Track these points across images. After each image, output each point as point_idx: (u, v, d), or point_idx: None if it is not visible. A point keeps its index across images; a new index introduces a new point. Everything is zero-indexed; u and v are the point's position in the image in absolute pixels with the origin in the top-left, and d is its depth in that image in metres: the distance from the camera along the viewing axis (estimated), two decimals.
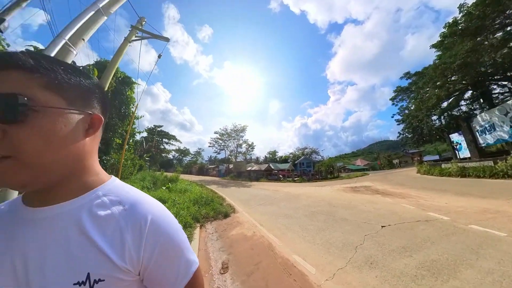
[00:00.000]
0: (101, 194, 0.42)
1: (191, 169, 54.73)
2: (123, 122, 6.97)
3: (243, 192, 11.90)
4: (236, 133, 43.12)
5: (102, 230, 0.39)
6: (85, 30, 2.91)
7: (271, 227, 4.19)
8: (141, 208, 0.42)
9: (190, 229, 4.01)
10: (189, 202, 6.29)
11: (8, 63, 0.33)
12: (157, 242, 0.40)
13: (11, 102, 0.31)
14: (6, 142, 0.32)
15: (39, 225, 0.38)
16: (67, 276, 0.36)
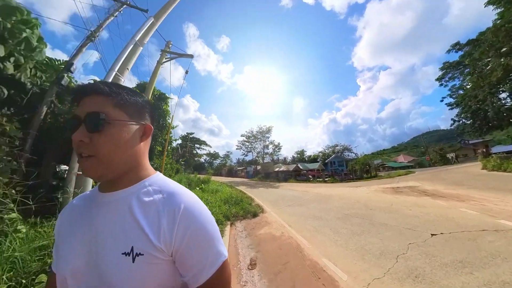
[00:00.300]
0: (147, 184, 0.52)
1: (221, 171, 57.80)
2: (161, 132, 7.97)
3: (271, 193, 11.93)
4: (261, 134, 43.47)
5: (145, 213, 0.47)
6: (128, 61, 3.55)
7: (300, 229, 4.11)
8: (177, 197, 0.49)
9: (221, 226, 4.27)
10: (220, 201, 6.69)
11: (92, 90, 0.47)
12: (188, 227, 0.45)
13: (96, 118, 0.44)
14: (91, 146, 0.44)
15: (106, 206, 0.50)
16: (118, 246, 0.45)
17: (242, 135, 43.97)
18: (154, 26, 4.31)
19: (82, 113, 0.45)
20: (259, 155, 45.30)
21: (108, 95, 0.47)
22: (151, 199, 0.49)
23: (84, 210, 0.52)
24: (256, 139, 43.82)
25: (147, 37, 4.09)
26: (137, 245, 0.44)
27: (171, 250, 0.45)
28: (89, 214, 0.51)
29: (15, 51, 2.82)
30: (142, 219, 0.46)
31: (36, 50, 3.12)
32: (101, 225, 0.48)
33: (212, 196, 7.54)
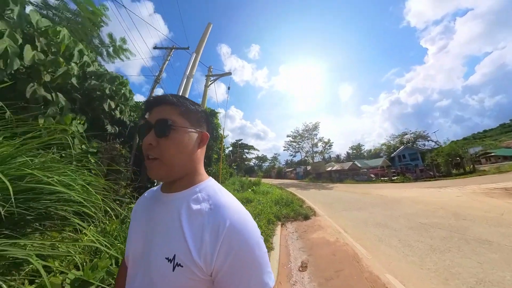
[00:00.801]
0: (197, 190, 0.52)
1: (270, 173, 58.78)
2: (216, 142, 9.19)
3: (324, 194, 11.18)
4: (308, 132, 40.78)
5: (191, 222, 0.46)
6: (185, 91, 4.50)
7: (359, 236, 3.72)
8: (223, 211, 0.45)
9: (272, 226, 4.44)
10: (271, 202, 6.94)
11: (162, 100, 0.52)
12: (231, 249, 0.40)
13: (164, 124, 0.48)
14: (157, 149, 0.48)
15: (162, 205, 0.53)
16: (163, 249, 0.45)
17: (288, 136, 42.77)
18: (197, 59, 5.26)
19: (153, 120, 0.50)
20: (308, 154, 42.69)
21: (174, 104, 0.51)
22: (198, 207, 0.47)
23: (149, 204, 0.58)
24: (303, 138, 41.56)
25: (194, 70, 5.05)
26: (178, 255, 0.42)
27: (210, 269, 0.41)
28: (150, 209, 0.56)
29: (119, 102, 4.20)
30: (187, 228, 0.45)
31: (129, 99, 4.58)
32: (156, 222, 0.51)
33: (263, 197, 7.91)
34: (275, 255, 2.97)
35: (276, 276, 2.37)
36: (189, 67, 4.83)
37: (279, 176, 52.90)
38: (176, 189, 0.52)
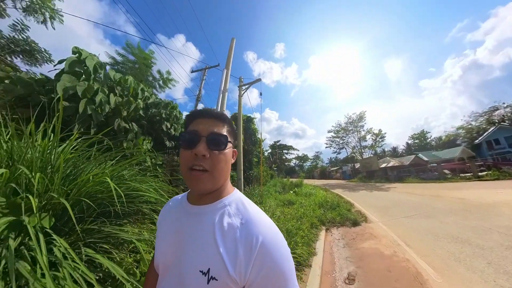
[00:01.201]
0: (226, 203, 0.54)
1: (313, 174, 55.75)
2: (255, 146, 9.60)
3: (378, 197, 9.75)
4: (353, 125, 35.88)
5: (224, 237, 0.47)
6: (223, 105, 5.02)
7: (425, 252, 3.10)
8: (255, 227, 0.47)
9: (316, 230, 4.27)
10: (314, 205, 6.66)
11: (213, 114, 0.56)
12: (264, 264, 0.43)
13: (220, 138, 0.52)
14: (209, 161, 0.49)
15: (193, 218, 0.54)
16: (197, 262, 0.46)
17: (329, 131, 38.84)
18: (228, 74, 5.80)
19: (204, 131, 0.51)
20: (355, 150, 37.67)
21: (225, 122, 0.56)
22: (230, 222, 0.49)
23: (176, 214, 0.60)
24: (347, 132, 36.85)
25: (227, 84, 5.58)
26: (213, 268, 0.44)
27: (243, 283, 0.44)
28: (179, 220, 0.57)
29: (173, 122, 5.21)
30: (221, 243, 0.46)
31: (179, 119, 5.62)
32: (187, 233, 0.53)
33: (306, 200, 7.67)
34: (318, 261, 2.86)
35: (319, 285, 2.29)
36: (222, 83, 5.35)
37: (322, 176, 49.55)
38: (205, 201, 0.54)
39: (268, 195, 7.81)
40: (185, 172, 0.50)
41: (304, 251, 2.95)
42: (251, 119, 10.09)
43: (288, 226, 3.51)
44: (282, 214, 4.85)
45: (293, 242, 3.03)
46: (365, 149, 36.58)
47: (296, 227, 3.78)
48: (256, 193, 6.81)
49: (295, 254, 2.74)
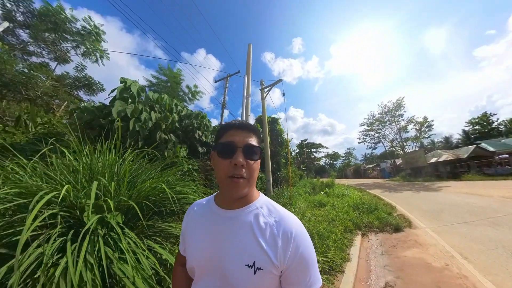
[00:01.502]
0: (258, 206, 0.61)
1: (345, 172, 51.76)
2: (281, 147, 9.63)
3: (427, 198, 8.47)
4: (389, 114, 30.97)
5: (263, 234, 0.55)
6: (248, 110, 5.22)
7: (492, 269, 2.58)
8: (287, 223, 0.57)
9: (350, 234, 4.05)
10: (348, 207, 6.27)
11: (247, 127, 0.62)
12: (298, 250, 0.54)
13: (256, 149, 0.58)
14: (246, 170, 0.56)
15: (229, 221, 0.59)
16: (241, 258, 0.53)
17: (361, 124, 34.29)
18: (249, 79, 6.02)
19: (240, 143, 0.57)
20: (394, 144, 32.48)
21: (255, 133, 0.63)
22: (266, 221, 0.57)
23: (208, 218, 0.64)
24: (383, 124, 31.98)
25: (249, 89, 5.85)
26: (258, 261, 0.52)
27: (282, 268, 0.53)
28: (214, 223, 0.61)
29: (203, 130, 5.80)
30: (261, 239, 0.54)
31: (209, 126, 6.19)
32: (227, 235, 0.58)
33: (339, 201, 7.27)
34: (352, 268, 2.73)
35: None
36: (245, 89, 5.60)
37: (357, 175, 45.48)
38: (238, 205, 0.60)
39: (297, 196, 7.69)
40: (224, 179, 0.56)
41: (336, 255, 2.86)
42: (275, 120, 10.11)
43: (320, 229, 3.43)
44: (312, 216, 4.75)
45: (324, 245, 2.96)
46: (407, 141, 31.26)
47: (328, 230, 3.67)
48: (285, 194, 6.81)
49: (326, 258, 2.69)
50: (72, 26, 12.94)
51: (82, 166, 1.71)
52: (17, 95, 8.06)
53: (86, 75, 13.67)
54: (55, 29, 12.44)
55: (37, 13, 11.80)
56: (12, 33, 12.03)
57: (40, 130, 4.46)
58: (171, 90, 14.41)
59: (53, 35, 12.73)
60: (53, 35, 12.73)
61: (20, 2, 11.43)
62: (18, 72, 8.02)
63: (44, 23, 11.90)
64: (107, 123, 3.89)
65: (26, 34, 12.29)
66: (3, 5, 11.26)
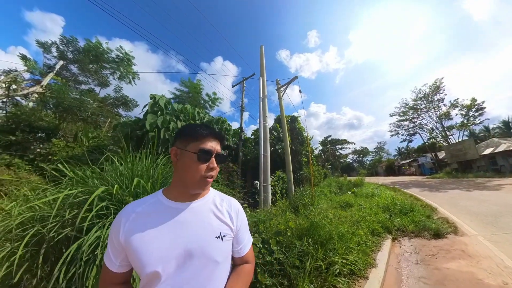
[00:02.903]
0: (212, 196, 0.82)
1: (376, 170, 47.49)
2: (302, 146, 9.41)
3: (480, 199, 7.22)
4: (426, 100, 26.82)
5: (221, 212, 0.78)
6: (265, 111, 5.23)
7: None
8: (234, 203, 0.85)
9: (378, 238, 3.74)
10: (377, 208, 5.83)
11: (219, 136, 0.79)
12: (242, 219, 0.84)
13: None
14: (215, 172, 0.75)
15: (191, 210, 0.73)
16: (210, 233, 0.71)
17: (392, 114, 30.58)
18: (264, 81, 6.05)
19: (214, 150, 0.73)
20: (434, 134, 28.03)
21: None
22: (221, 204, 0.81)
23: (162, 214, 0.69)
24: (418, 111, 27.89)
25: (265, 91, 5.83)
26: (223, 231, 0.74)
27: (236, 230, 0.80)
28: (172, 216, 0.70)
29: (224, 134, 6.25)
30: (221, 215, 0.77)
31: (229, 131, 6.67)
32: (190, 223, 0.70)
33: (367, 202, 6.77)
34: (378, 275, 2.51)
35: None
36: (261, 91, 5.61)
37: (390, 172, 41.37)
38: (197, 197, 0.77)
39: (321, 196, 7.40)
40: (199, 178, 0.70)
41: (359, 258, 2.69)
42: (295, 118, 9.89)
43: (341, 230, 3.27)
44: (335, 217, 4.53)
45: (345, 247, 2.82)
46: (451, 130, 26.66)
47: (351, 232, 3.48)
48: (307, 194, 6.63)
49: (346, 261, 2.56)
50: (109, 56, 16.20)
51: (126, 171, 2.14)
52: (73, 117, 10.13)
53: (123, 95, 16.96)
54: (96, 60, 15.64)
55: (82, 50, 15.07)
56: (66, 68, 15.65)
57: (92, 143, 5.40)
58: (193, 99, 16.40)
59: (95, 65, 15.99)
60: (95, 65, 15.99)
61: (69, 43, 14.76)
62: (73, 99, 10.03)
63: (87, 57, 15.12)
64: (142, 134, 4.41)
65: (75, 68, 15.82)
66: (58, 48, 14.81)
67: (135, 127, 4.68)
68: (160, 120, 4.47)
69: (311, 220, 3.22)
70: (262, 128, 5.03)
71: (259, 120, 5.16)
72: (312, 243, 2.65)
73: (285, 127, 7.11)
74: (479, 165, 18.80)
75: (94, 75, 16.56)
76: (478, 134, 29.72)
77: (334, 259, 2.50)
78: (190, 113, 5.49)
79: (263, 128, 5.06)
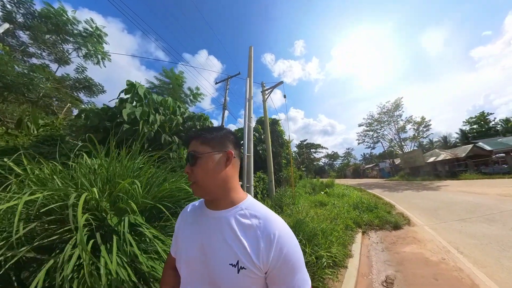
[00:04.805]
0: (243, 207, 0.62)
1: (344, 172, 51.85)
2: (282, 148, 9.77)
3: (426, 197, 8.65)
4: (388, 115, 31.60)
5: (245, 234, 0.56)
6: (250, 112, 5.32)
7: (485, 262, 2.74)
8: (271, 225, 0.57)
9: (351, 232, 4.18)
10: (348, 206, 6.41)
11: (189, 137, 0.66)
12: (281, 252, 0.53)
13: (191, 156, 0.61)
14: (192, 175, 0.61)
15: (212, 221, 0.62)
16: (225, 257, 0.54)
17: (360, 125, 34.94)
18: (251, 82, 6.02)
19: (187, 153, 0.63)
20: (393, 144, 33.12)
21: (195, 138, 0.64)
22: (249, 222, 0.58)
23: (196, 217, 0.68)
24: (381, 124, 32.63)
25: (251, 92, 5.86)
26: (241, 260, 0.53)
27: (266, 269, 0.54)
28: (200, 223, 0.65)
29: None
30: (244, 239, 0.55)
31: None
32: (209, 235, 0.60)
33: (339, 200, 7.41)
34: (354, 263, 2.87)
35: (354, 285, 2.34)
36: (247, 92, 5.67)
37: (356, 174, 45.65)
38: (223, 206, 0.62)
39: (299, 196, 7.82)
40: None
41: (339, 251, 3.01)
42: (276, 121, 10.25)
43: (323, 226, 3.57)
44: (315, 214, 4.89)
45: (328, 241, 3.10)
46: (405, 141, 31.84)
47: (331, 227, 3.82)
48: (287, 194, 6.94)
49: (330, 253, 2.83)
50: (74, 28, 12.79)
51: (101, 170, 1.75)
52: (18, 97, 7.92)
53: (87, 77, 13.50)
54: (56, 30, 12.19)
55: (38, 15, 11.68)
56: (13, 34, 11.80)
57: (43, 133, 4.21)
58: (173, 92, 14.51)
59: (54, 36, 12.51)
60: (54, 36, 12.51)
61: (20, 3, 11.29)
62: (18, 74, 7.85)
63: (45, 25, 11.74)
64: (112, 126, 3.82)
65: (26, 36, 12.06)
66: (3, 7, 11.13)
67: (103, 116, 4.07)
68: (139, 111, 3.96)
69: (296, 218, 3.43)
70: (247, 129, 5.10)
71: (244, 120, 5.22)
72: (299, 240, 2.85)
73: (268, 129, 7.36)
74: (424, 170, 22.33)
75: (51, 48, 12.86)
76: (425, 146, 35.97)
77: (320, 253, 2.74)
78: (171, 107, 4.93)
79: (247, 128, 5.13)
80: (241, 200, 0.64)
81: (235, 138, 0.69)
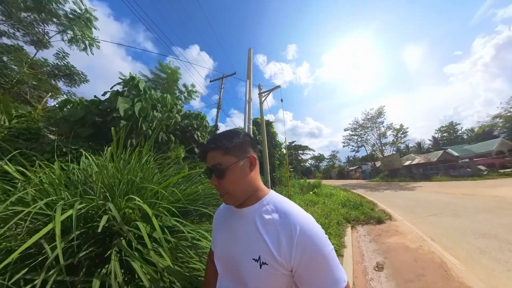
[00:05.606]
0: (265, 203, 0.63)
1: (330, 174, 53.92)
2: (275, 149, 10.09)
3: (403, 196, 9.57)
4: (371, 121, 34.27)
5: (266, 229, 0.57)
6: (250, 113, 5.54)
7: (451, 245, 3.32)
8: (292, 218, 0.56)
9: (342, 227, 4.59)
10: (337, 204, 6.88)
11: (207, 149, 0.63)
12: (305, 248, 0.50)
13: (217, 169, 0.60)
14: (221, 187, 0.61)
15: (239, 218, 0.66)
16: (249, 252, 0.57)
17: (346, 129, 37.45)
18: (250, 84, 6.20)
19: (210, 166, 0.62)
20: (375, 148, 35.70)
21: (217, 149, 0.61)
22: (270, 217, 0.58)
23: (226, 216, 0.72)
24: (365, 129, 35.29)
25: (251, 94, 6.02)
26: (263, 255, 0.54)
27: (290, 266, 0.51)
28: (229, 221, 0.69)
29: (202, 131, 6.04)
30: (265, 234, 0.56)
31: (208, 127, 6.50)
32: (236, 231, 0.64)
33: (328, 200, 7.89)
34: (349, 252, 3.25)
35: (352, 271, 2.69)
36: (247, 93, 5.86)
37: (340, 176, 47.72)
38: (246, 204, 0.65)
39: (294, 196, 8.17)
40: None
41: (336, 241, 3.38)
42: (269, 123, 10.57)
43: (321, 222, 3.95)
44: (311, 212, 5.26)
45: (328, 233, 3.47)
46: (386, 146, 34.69)
47: (326, 223, 4.20)
48: (283, 194, 7.26)
49: None
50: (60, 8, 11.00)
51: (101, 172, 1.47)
52: None
53: (68, 64, 11.72)
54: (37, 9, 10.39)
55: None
56: None
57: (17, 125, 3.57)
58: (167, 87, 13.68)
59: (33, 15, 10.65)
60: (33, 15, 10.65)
61: None
62: None
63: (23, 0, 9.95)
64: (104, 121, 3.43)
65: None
66: None
67: (93, 110, 3.59)
68: (138, 107, 3.60)
69: None
70: (247, 130, 5.32)
71: (244, 122, 5.43)
72: None
73: (264, 130, 7.63)
74: (402, 172, 24.46)
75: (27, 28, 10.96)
76: (402, 150, 39.15)
77: None
78: (169, 104, 4.66)
79: (247, 130, 5.35)
80: (263, 196, 0.65)
81: (252, 139, 0.69)
